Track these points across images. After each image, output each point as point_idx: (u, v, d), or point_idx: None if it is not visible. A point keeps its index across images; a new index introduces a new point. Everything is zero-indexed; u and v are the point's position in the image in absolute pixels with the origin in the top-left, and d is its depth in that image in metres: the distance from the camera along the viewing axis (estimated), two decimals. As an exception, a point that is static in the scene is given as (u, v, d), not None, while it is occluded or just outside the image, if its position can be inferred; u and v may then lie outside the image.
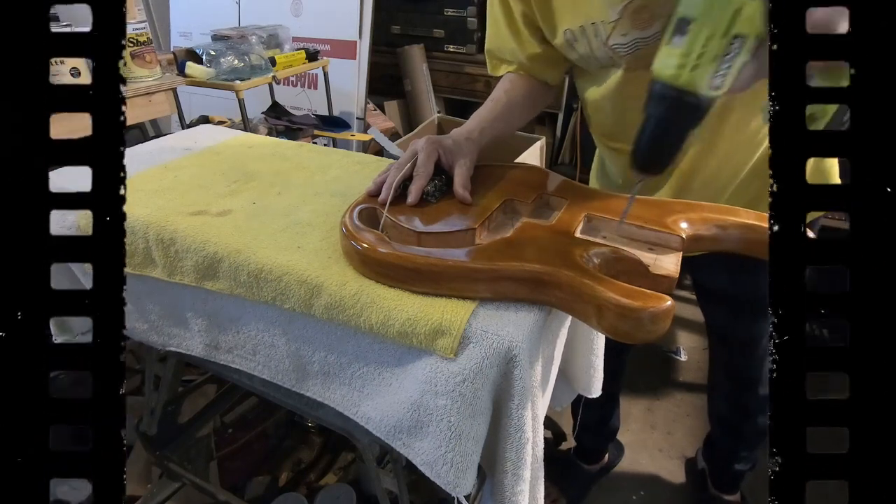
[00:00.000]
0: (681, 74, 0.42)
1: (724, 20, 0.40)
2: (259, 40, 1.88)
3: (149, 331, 0.78)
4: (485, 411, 0.54)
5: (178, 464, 1.11)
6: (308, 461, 1.30)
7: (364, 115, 2.30)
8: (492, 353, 0.51)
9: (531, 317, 0.54)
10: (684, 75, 0.42)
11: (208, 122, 1.84)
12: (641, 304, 0.45)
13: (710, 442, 1.27)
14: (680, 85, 0.42)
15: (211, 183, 0.81)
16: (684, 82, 0.42)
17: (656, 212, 0.61)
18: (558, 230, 0.59)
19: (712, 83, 0.42)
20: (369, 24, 2.20)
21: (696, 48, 0.41)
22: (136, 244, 0.70)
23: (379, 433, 0.62)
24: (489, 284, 0.54)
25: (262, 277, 0.62)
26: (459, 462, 0.55)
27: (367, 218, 0.63)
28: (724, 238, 0.60)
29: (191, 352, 0.75)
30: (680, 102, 0.43)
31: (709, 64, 0.41)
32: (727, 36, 0.40)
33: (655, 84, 0.45)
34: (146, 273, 0.72)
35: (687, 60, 0.41)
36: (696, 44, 0.41)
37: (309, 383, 0.66)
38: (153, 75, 1.58)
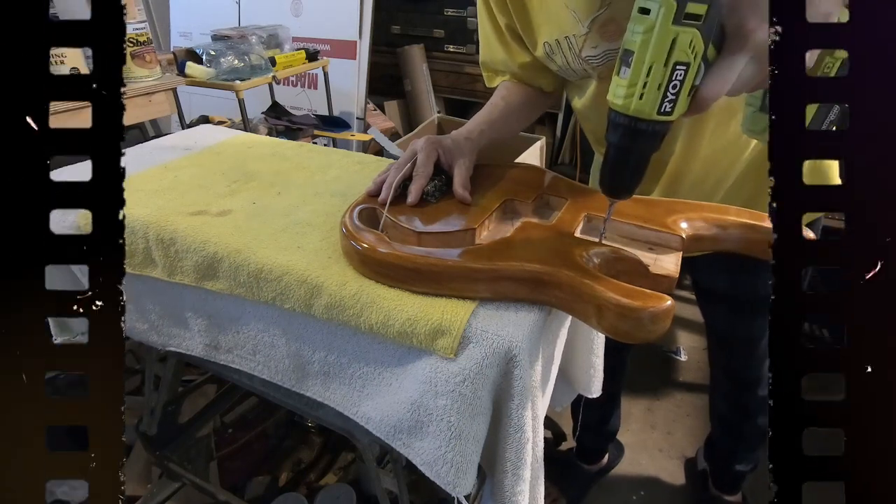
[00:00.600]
0: (630, 103, 0.44)
1: (662, 51, 0.42)
2: (259, 40, 1.88)
3: (149, 331, 0.78)
4: (485, 411, 0.54)
5: (178, 464, 1.11)
6: (308, 461, 1.30)
7: (364, 115, 2.30)
8: (492, 353, 0.51)
9: (531, 317, 0.54)
10: (633, 104, 0.44)
11: (208, 122, 1.84)
12: (641, 304, 0.45)
13: (711, 442, 1.27)
14: (631, 113, 0.45)
15: (211, 183, 0.81)
16: (634, 110, 0.44)
17: (656, 212, 0.61)
18: (558, 230, 0.59)
19: (662, 109, 0.44)
20: (369, 24, 2.21)
21: (640, 78, 0.43)
22: (136, 244, 0.70)
23: (379, 433, 0.62)
24: (489, 284, 0.54)
25: (262, 277, 0.62)
26: (459, 462, 0.55)
27: (367, 218, 0.63)
28: (724, 238, 0.60)
29: (191, 352, 0.75)
30: (633, 129, 0.45)
31: (654, 92, 0.43)
32: (668, 65, 0.42)
33: (611, 113, 0.47)
34: (146, 273, 0.72)
35: (633, 90, 0.43)
36: (640, 74, 0.43)
37: (309, 383, 0.66)
38: (153, 75, 1.58)
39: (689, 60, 0.42)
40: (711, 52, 0.43)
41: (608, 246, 0.56)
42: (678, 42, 0.41)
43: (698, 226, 0.60)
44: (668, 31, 0.41)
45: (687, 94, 0.44)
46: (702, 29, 0.41)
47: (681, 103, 0.44)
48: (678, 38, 0.41)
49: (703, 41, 0.41)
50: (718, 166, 0.74)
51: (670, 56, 0.42)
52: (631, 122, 0.45)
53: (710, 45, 0.42)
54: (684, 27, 0.41)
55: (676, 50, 0.41)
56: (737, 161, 0.73)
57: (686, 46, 0.41)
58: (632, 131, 0.45)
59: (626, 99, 0.44)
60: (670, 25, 0.41)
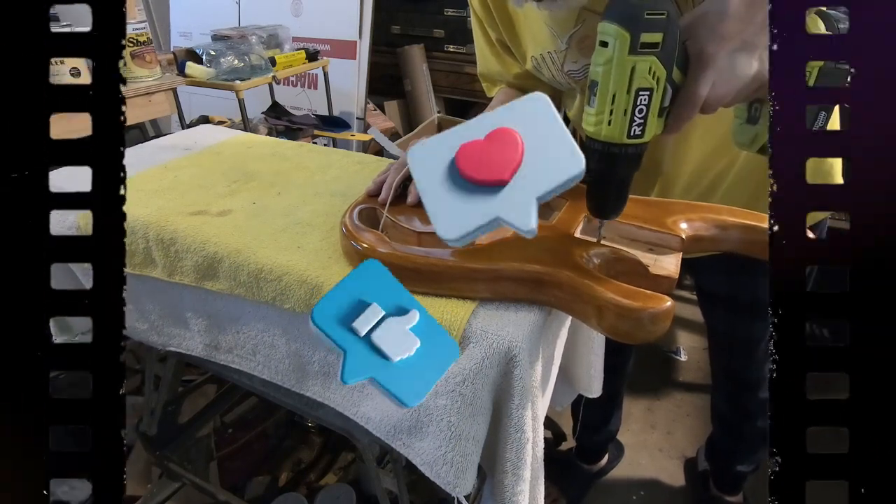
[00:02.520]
0: (600, 130, 0.46)
1: (623, 80, 0.44)
2: (259, 40, 1.88)
3: (149, 331, 0.78)
4: (485, 411, 0.54)
5: (178, 464, 1.11)
6: (308, 461, 1.30)
7: (364, 115, 2.30)
8: (492, 353, 0.51)
9: (531, 317, 0.54)
10: (603, 130, 0.46)
11: (208, 122, 1.84)
12: (641, 305, 0.45)
13: (712, 442, 1.27)
14: (602, 139, 0.47)
15: (211, 183, 0.81)
16: (605, 136, 0.46)
17: (656, 212, 0.61)
18: (558, 230, 0.59)
19: (631, 133, 0.46)
20: (369, 24, 2.20)
21: (606, 106, 0.45)
22: (136, 244, 0.70)
23: (379, 433, 0.62)
24: (489, 284, 0.54)
25: (262, 277, 0.62)
26: (459, 462, 0.55)
27: (367, 218, 0.63)
28: (724, 238, 0.60)
29: (191, 352, 0.75)
30: (607, 154, 0.47)
31: (621, 118, 0.45)
32: (630, 92, 0.44)
33: (586, 139, 0.49)
34: (146, 273, 0.72)
35: (602, 117, 0.45)
36: (605, 103, 0.45)
37: (309, 383, 0.66)
38: (153, 75, 1.58)
39: (651, 86, 0.44)
40: (678, 75, 0.45)
41: (608, 246, 0.56)
42: (637, 70, 0.43)
43: (698, 226, 0.60)
44: (626, 61, 0.43)
45: (657, 116, 0.46)
46: (660, 56, 0.43)
47: (651, 125, 0.46)
48: (636, 66, 0.43)
49: (663, 66, 0.44)
50: (711, 169, 0.74)
51: (631, 84, 0.44)
52: (604, 147, 0.47)
53: (674, 69, 0.44)
54: (641, 56, 0.43)
55: (636, 78, 0.43)
56: (731, 164, 0.73)
57: (646, 73, 0.43)
58: (606, 156, 0.48)
59: (596, 126, 0.46)
60: (626, 56, 0.43)
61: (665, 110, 0.46)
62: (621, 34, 0.42)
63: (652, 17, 0.42)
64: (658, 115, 0.46)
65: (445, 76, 2.60)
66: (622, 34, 0.42)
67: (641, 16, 0.42)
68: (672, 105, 0.47)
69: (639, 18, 0.42)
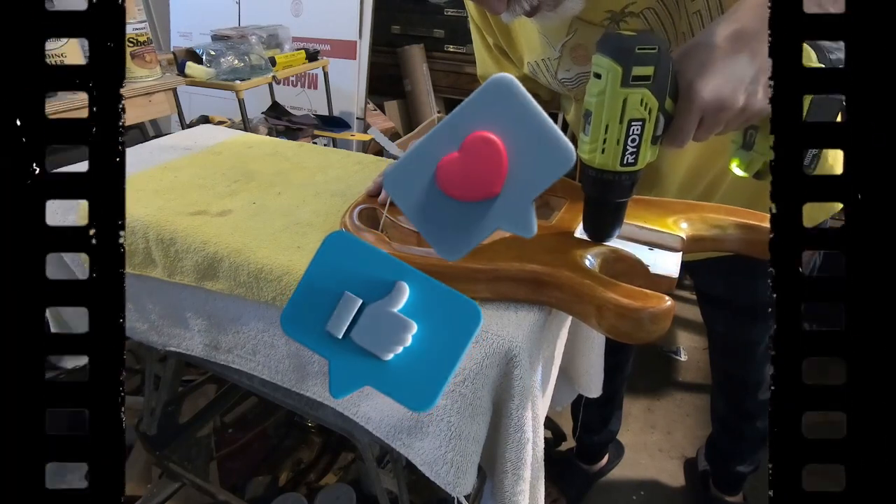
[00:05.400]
0: (595, 157, 0.47)
1: (616, 111, 0.45)
2: (259, 40, 1.88)
3: (149, 331, 0.78)
4: (485, 411, 0.54)
5: (178, 464, 1.11)
6: (308, 461, 1.30)
7: (364, 115, 2.30)
8: (492, 353, 0.51)
9: (531, 317, 0.54)
10: (597, 158, 0.47)
11: (208, 122, 1.84)
12: (641, 305, 0.45)
13: (712, 443, 1.27)
14: (596, 166, 0.48)
15: (211, 183, 0.81)
16: (599, 164, 0.48)
17: (656, 212, 0.61)
18: (558, 230, 0.59)
19: (624, 161, 0.47)
20: (369, 24, 2.21)
21: (600, 135, 0.46)
22: (136, 244, 0.70)
23: (379, 433, 0.62)
24: (489, 284, 0.54)
25: (262, 277, 0.62)
26: (459, 462, 0.55)
27: (367, 218, 0.63)
28: (724, 238, 0.60)
29: (191, 352, 0.75)
30: (601, 181, 0.49)
31: (614, 147, 0.46)
32: (623, 122, 0.45)
33: (581, 166, 0.50)
34: (146, 273, 0.72)
35: (595, 146, 0.47)
36: (599, 132, 0.46)
37: (309, 383, 0.66)
38: (153, 75, 1.58)
39: (643, 117, 0.45)
40: (670, 105, 0.46)
41: (608, 246, 0.56)
42: (629, 102, 0.44)
43: (698, 226, 0.60)
44: (618, 93, 0.44)
45: (650, 145, 0.47)
46: (651, 88, 0.44)
47: (644, 154, 0.47)
48: (628, 98, 0.44)
49: (655, 98, 0.45)
50: (709, 171, 0.74)
51: (623, 114, 0.45)
52: (598, 174, 0.49)
53: (667, 99, 0.45)
54: (633, 88, 0.44)
55: (628, 109, 0.45)
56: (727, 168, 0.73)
57: (638, 105, 0.44)
58: (601, 182, 0.49)
59: (590, 154, 0.48)
60: (619, 88, 0.44)
61: (658, 139, 0.48)
62: (613, 67, 0.43)
63: (643, 52, 0.43)
64: (651, 143, 0.47)
65: (445, 76, 2.60)
66: (614, 67, 0.43)
67: (633, 50, 0.43)
68: (664, 134, 0.48)
69: (630, 52, 0.43)
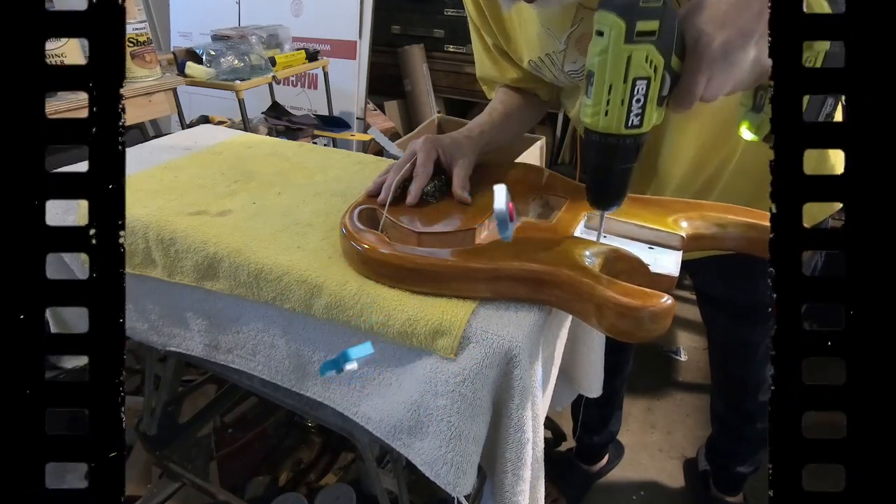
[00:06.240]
0: (598, 121, 0.46)
1: (619, 69, 0.43)
2: (259, 40, 1.88)
3: (149, 331, 0.78)
4: (485, 411, 0.54)
5: (178, 464, 1.11)
6: (308, 461, 1.29)
7: (364, 115, 2.30)
8: (492, 353, 0.51)
9: (531, 317, 0.54)
10: (601, 121, 0.46)
11: (208, 122, 1.84)
12: (641, 303, 0.45)
13: (713, 443, 1.27)
14: (600, 130, 0.46)
15: (211, 183, 0.81)
16: (603, 127, 0.46)
17: (656, 211, 0.61)
18: (558, 229, 0.59)
19: (629, 123, 0.45)
20: (369, 24, 2.20)
21: (603, 97, 0.44)
22: (136, 244, 0.70)
23: (379, 433, 0.62)
24: (489, 284, 0.54)
25: (262, 277, 0.61)
26: (459, 462, 0.55)
27: (367, 218, 0.63)
28: (724, 236, 0.60)
29: (191, 352, 0.75)
30: (605, 145, 0.47)
31: (618, 108, 0.44)
32: (627, 81, 0.43)
33: (584, 131, 0.49)
34: (146, 273, 0.72)
35: (599, 108, 0.45)
36: (602, 93, 0.44)
37: (309, 383, 0.66)
38: (153, 75, 1.58)
39: (648, 75, 0.43)
40: (676, 63, 0.44)
41: (608, 245, 0.56)
42: (633, 59, 0.43)
43: (698, 225, 0.60)
44: (622, 49, 0.43)
45: (655, 106, 0.45)
46: (657, 44, 0.43)
47: (649, 115, 0.45)
48: (632, 55, 0.43)
49: (661, 54, 0.43)
50: (707, 166, 0.73)
51: (628, 73, 0.43)
52: (602, 138, 0.47)
53: (672, 57, 0.44)
54: (637, 45, 0.42)
55: (633, 67, 0.43)
56: (727, 161, 0.73)
57: (642, 62, 0.43)
58: (605, 146, 0.47)
59: (593, 117, 0.46)
60: (622, 45, 0.42)
61: (664, 99, 0.46)
62: (616, 23, 0.42)
63: (648, 6, 0.41)
64: (657, 104, 0.45)
65: (445, 76, 2.60)
66: (617, 23, 0.42)
67: (637, 4, 0.41)
68: (671, 95, 0.46)
69: (634, 7, 0.41)
